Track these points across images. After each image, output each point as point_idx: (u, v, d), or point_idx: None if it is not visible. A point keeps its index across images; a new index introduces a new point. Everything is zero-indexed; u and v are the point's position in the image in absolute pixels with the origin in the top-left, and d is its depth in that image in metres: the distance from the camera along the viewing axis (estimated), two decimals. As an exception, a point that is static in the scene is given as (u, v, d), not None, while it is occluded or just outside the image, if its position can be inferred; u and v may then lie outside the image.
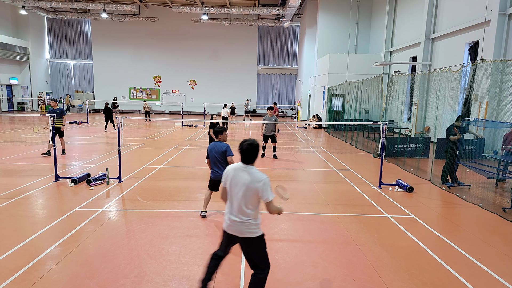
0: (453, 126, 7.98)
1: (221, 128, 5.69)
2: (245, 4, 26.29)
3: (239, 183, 3.16)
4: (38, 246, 4.57)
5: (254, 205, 3.18)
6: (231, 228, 3.22)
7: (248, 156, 3.22)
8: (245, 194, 3.14)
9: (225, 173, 3.30)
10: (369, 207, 6.51)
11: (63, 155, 10.85)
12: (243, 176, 3.17)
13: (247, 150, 3.21)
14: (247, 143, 3.25)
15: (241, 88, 32.29)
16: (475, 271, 4.19)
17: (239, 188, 3.16)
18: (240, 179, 3.17)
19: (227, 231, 3.27)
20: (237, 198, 3.17)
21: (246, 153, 3.22)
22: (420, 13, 16.67)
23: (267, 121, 10.63)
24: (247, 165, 3.23)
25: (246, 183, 3.13)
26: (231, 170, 3.27)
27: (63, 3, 24.79)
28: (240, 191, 3.15)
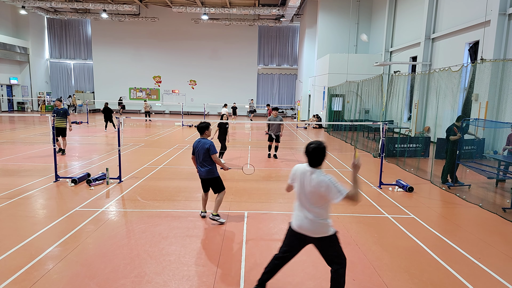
0: (453, 126, 7.98)
1: (206, 124, 5.46)
2: (245, 4, 26.28)
3: (306, 185, 3.15)
4: (38, 246, 4.57)
5: (323, 206, 3.16)
6: (303, 228, 3.20)
7: (314, 158, 3.15)
8: (312, 197, 3.14)
9: (294, 171, 3.32)
10: (369, 207, 6.51)
11: (63, 155, 10.85)
12: (308, 179, 3.14)
13: (313, 153, 3.13)
14: (313, 145, 3.14)
15: (241, 88, 32.30)
16: (475, 271, 4.19)
17: (306, 191, 3.16)
18: (306, 182, 3.16)
19: (299, 231, 3.23)
20: (306, 200, 3.17)
21: (312, 156, 3.14)
22: (420, 13, 16.67)
23: (272, 121, 10.75)
24: (314, 168, 3.17)
25: (311, 188, 3.12)
26: (299, 171, 3.26)
27: (63, 3, 24.79)
28: (308, 194, 3.15)
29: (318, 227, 3.16)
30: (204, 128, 5.42)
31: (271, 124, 10.80)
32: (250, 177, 8.64)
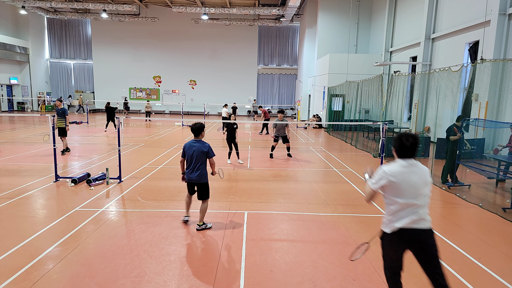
0: (453, 126, 7.97)
1: (202, 125, 5.17)
2: (245, 4, 26.28)
3: (414, 181, 2.95)
4: (38, 246, 4.57)
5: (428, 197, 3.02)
6: (417, 223, 2.96)
7: (412, 150, 2.98)
8: (427, 188, 2.99)
9: (390, 173, 2.96)
10: (369, 207, 6.51)
11: (63, 154, 10.87)
12: (416, 174, 2.97)
13: (416, 144, 2.97)
14: (412, 137, 2.97)
15: (241, 88, 32.30)
16: (475, 271, 4.19)
17: (419, 185, 2.95)
18: (414, 177, 2.95)
19: (411, 228, 2.96)
20: (420, 196, 2.94)
21: (415, 147, 2.98)
22: (420, 13, 16.67)
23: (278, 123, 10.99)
24: (413, 160, 3.01)
25: (424, 180, 2.98)
26: (397, 170, 2.96)
27: (63, 3, 24.79)
28: (422, 188, 2.96)
29: (428, 222, 2.99)
30: (200, 129, 5.13)
31: (276, 125, 11.01)
32: (250, 177, 8.64)
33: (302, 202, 6.76)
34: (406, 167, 2.98)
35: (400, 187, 2.94)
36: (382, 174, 3.00)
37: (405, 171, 2.96)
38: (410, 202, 2.93)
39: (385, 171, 2.99)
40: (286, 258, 4.41)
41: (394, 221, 2.99)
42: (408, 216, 2.94)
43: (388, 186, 2.98)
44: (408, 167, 2.98)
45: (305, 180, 8.60)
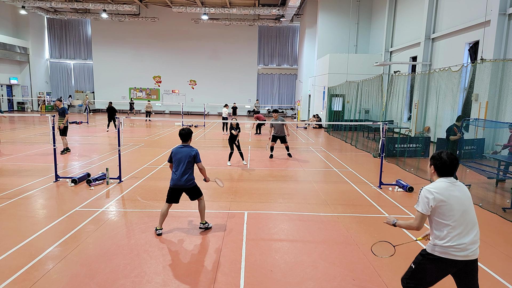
0: (453, 126, 7.97)
1: (191, 131, 5.15)
2: (245, 4, 26.28)
3: (465, 202, 2.76)
4: (38, 246, 4.57)
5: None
6: (466, 255, 2.73)
7: (454, 168, 2.80)
8: (472, 212, 2.79)
9: (438, 195, 2.73)
10: (369, 207, 6.51)
11: (63, 154, 10.87)
12: (463, 194, 2.79)
13: (452, 162, 2.78)
14: (449, 153, 2.82)
15: (241, 88, 32.30)
16: (475, 271, 4.19)
17: (468, 207, 2.77)
18: (461, 199, 2.75)
19: (465, 259, 2.75)
20: (470, 218, 2.75)
21: (452, 166, 2.79)
22: (420, 13, 16.67)
23: (274, 123, 10.90)
24: (454, 179, 2.82)
25: (469, 201, 2.81)
26: (445, 192, 2.73)
27: (63, 3, 24.79)
28: (470, 210, 2.78)
29: (478, 247, 2.78)
30: (189, 134, 5.09)
31: (274, 126, 10.95)
32: (250, 177, 8.64)
33: (302, 202, 6.76)
34: (451, 185, 2.79)
35: (450, 207, 2.72)
36: (427, 194, 2.76)
37: (452, 189, 2.76)
38: (461, 224, 2.72)
39: (430, 189, 2.76)
40: (286, 258, 4.41)
41: (445, 249, 2.74)
42: (461, 243, 2.70)
43: (437, 207, 2.74)
44: (452, 185, 2.79)
45: (305, 180, 8.60)
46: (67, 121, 11.06)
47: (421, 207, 2.79)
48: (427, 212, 2.78)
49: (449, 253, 2.73)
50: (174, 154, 5.00)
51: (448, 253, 2.73)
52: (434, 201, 2.72)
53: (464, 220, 2.72)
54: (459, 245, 2.70)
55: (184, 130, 5.07)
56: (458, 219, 2.71)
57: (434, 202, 2.73)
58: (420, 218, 2.82)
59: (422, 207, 2.78)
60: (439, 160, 2.82)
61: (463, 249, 2.70)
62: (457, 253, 2.71)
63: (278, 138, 11.11)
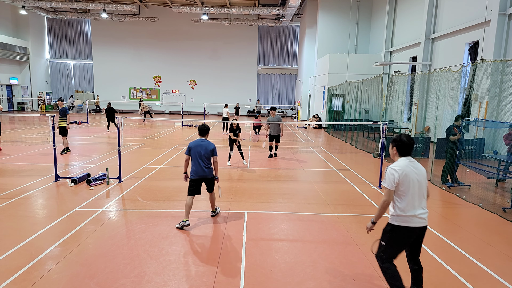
0: (453, 126, 7.97)
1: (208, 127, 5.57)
2: (245, 4, 26.28)
3: (419, 178, 3.26)
4: (38, 246, 4.57)
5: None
6: (421, 223, 3.28)
7: (412, 148, 3.35)
8: (425, 186, 3.32)
9: (401, 173, 3.21)
10: (369, 207, 6.51)
11: (63, 154, 10.87)
12: (417, 170, 3.28)
13: (410, 143, 3.33)
14: (407, 135, 3.37)
15: (241, 88, 32.30)
16: (475, 271, 4.19)
17: (422, 183, 3.28)
18: (416, 175, 3.25)
19: (418, 227, 3.28)
20: (421, 193, 3.28)
21: (411, 146, 3.34)
22: (420, 13, 16.67)
23: (270, 121, 10.78)
24: (412, 158, 3.37)
25: (423, 177, 3.30)
26: (405, 170, 3.23)
27: (63, 3, 24.79)
28: (423, 186, 3.29)
29: (426, 216, 3.32)
30: (207, 130, 5.54)
31: (270, 124, 10.84)
32: (250, 177, 8.64)
33: (302, 202, 6.76)
34: (410, 162, 3.29)
35: (409, 182, 3.21)
36: (393, 171, 3.23)
37: (410, 165, 3.27)
38: (417, 196, 3.24)
39: (394, 168, 3.25)
40: (286, 258, 4.41)
41: (404, 218, 3.25)
42: (417, 213, 3.23)
43: (400, 182, 3.22)
44: (411, 163, 3.30)
45: (305, 180, 8.60)
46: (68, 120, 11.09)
47: (387, 184, 3.24)
48: (393, 188, 3.23)
49: (410, 222, 3.24)
50: (193, 147, 5.38)
51: (410, 222, 3.24)
52: (399, 177, 3.21)
53: (420, 193, 3.27)
54: (417, 215, 3.23)
55: (203, 125, 5.55)
56: (416, 192, 3.24)
57: (398, 178, 3.21)
58: (388, 193, 3.26)
59: (389, 183, 3.23)
60: (400, 142, 3.32)
61: (420, 218, 3.24)
62: (416, 221, 3.24)
63: (274, 137, 11.00)
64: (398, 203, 3.26)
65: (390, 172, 3.24)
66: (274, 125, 10.83)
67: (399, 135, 3.38)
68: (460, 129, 7.82)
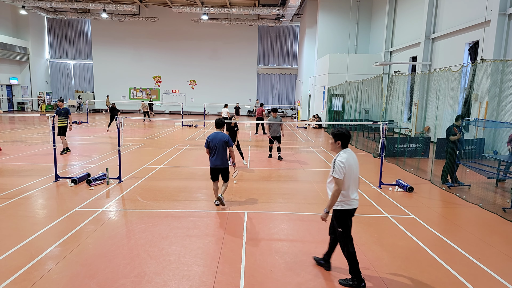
0: (453, 126, 7.97)
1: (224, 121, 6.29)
2: (245, 4, 26.28)
3: (354, 166, 3.75)
4: (38, 246, 4.57)
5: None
6: (357, 204, 3.84)
7: (349, 141, 3.83)
8: (357, 173, 3.82)
9: (347, 163, 3.65)
10: (369, 207, 6.51)
11: (63, 154, 10.88)
12: (353, 159, 3.76)
13: (350, 136, 3.78)
14: (346, 129, 3.78)
15: (241, 88, 32.30)
16: (475, 271, 4.19)
17: (355, 170, 3.77)
18: (353, 163, 3.75)
19: (355, 208, 3.85)
20: (355, 179, 3.79)
21: (350, 139, 3.81)
22: (420, 13, 16.67)
23: (271, 123, 10.68)
24: (349, 149, 3.83)
25: (357, 164, 3.81)
26: (348, 161, 3.67)
27: (63, 3, 24.79)
28: (355, 173, 3.77)
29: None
30: (223, 124, 6.27)
31: (270, 125, 10.77)
32: (250, 177, 8.64)
33: (302, 202, 6.76)
34: (350, 153, 3.77)
35: (351, 171, 3.70)
36: (341, 163, 3.64)
37: (351, 157, 3.74)
38: (354, 182, 3.77)
39: (342, 160, 3.67)
40: (286, 258, 4.42)
41: (348, 202, 3.76)
42: (355, 197, 3.80)
43: (346, 172, 3.66)
44: (351, 153, 3.78)
45: (305, 180, 8.60)
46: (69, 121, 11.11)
47: (338, 175, 3.64)
48: (342, 177, 3.63)
49: (351, 205, 3.77)
50: (211, 140, 6.08)
51: (351, 205, 3.77)
52: (345, 168, 3.64)
53: (356, 178, 3.80)
54: (355, 198, 3.80)
55: (219, 119, 6.25)
56: (354, 179, 3.76)
57: (345, 168, 3.64)
58: (340, 182, 3.65)
59: (339, 174, 3.63)
60: (343, 136, 3.74)
61: (357, 200, 3.82)
62: (355, 203, 3.80)
63: (275, 138, 10.92)
64: (343, 190, 3.71)
65: (339, 164, 3.64)
66: (274, 126, 10.77)
67: (339, 128, 3.78)
68: (460, 129, 7.83)
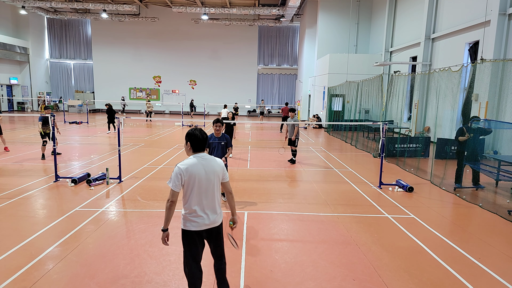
0: (463, 127, 7.75)
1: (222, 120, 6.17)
2: (245, 4, 26.28)
3: (205, 175, 3.15)
4: (38, 246, 4.57)
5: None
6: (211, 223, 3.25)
7: (204, 144, 3.18)
8: (215, 183, 3.20)
9: (184, 166, 3.03)
10: (369, 207, 6.51)
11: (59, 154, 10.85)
12: (206, 168, 3.15)
13: (204, 138, 3.14)
14: (200, 129, 3.19)
15: (241, 88, 32.30)
16: (475, 271, 4.19)
17: (208, 180, 3.15)
18: (204, 170, 3.15)
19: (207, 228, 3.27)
20: (207, 191, 3.16)
21: (204, 142, 3.16)
22: (420, 13, 16.67)
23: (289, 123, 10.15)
24: (205, 154, 3.26)
25: (213, 174, 3.16)
26: (192, 162, 3.08)
27: (63, 3, 24.79)
28: (210, 182, 3.16)
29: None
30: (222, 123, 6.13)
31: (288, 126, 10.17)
32: (250, 177, 8.64)
33: (302, 202, 6.76)
34: (199, 159, 3.03)
35: (195, 180, 2.98)
36: (177, 170, 2.97)
37: (199, 163, 3.01)
38: (204, 197, 3.03)
39: (179, 166, 2.98)
40: (286, 258, 4.41)
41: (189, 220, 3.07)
42: (202, 214, 3.06)
43: (186, 182, 2.99)
44: (200, 160, 3.04)
45: (305, 180, 8.60)
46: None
47: (171, 184, 2.96)
48: (178, 188, 2.96)
49: (193, 221, 3.04)
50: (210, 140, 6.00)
51: (192, 224, 3.04)
52: (181, 176, 2.94)
53: (204, 193, 3.03)
54: (200, 215, 3.02)
55: (217, 119, 6.12)
56: (200, 192, 3.01)
57: (181, 177, 2.94)
58: (172, 194, 2.98)
59: (172, 184, 2.96)
60: (193, 137, 3.03)
61: (204, 219, 3.04)
62: (200, 221, 3.04)
63: (291, 142, 10.26)
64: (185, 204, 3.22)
65: (174, 171, 3.10)
66: (291, 128, 10.20)
67: (193, 129, 3.17)
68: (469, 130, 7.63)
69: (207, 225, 3.09)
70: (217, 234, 3.20)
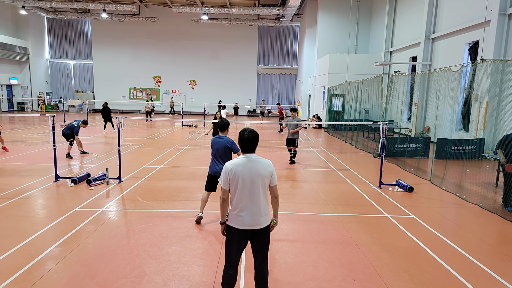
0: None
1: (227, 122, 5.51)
2: (245, 4, 26.28)
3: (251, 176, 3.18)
4: (38, 246, 4.56)
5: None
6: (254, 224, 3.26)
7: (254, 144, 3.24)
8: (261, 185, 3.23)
9: (230, 166, 3.11)
10: (369, 207, 6.51)
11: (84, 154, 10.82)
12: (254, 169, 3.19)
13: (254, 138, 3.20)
14: (251, 130, 3.22)
15: (241, 88, 32.30)
16: (475, 271, 4.19)
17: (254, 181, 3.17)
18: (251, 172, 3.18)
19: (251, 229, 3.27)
20: (252, 193, 3.18)
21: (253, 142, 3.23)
22: (420, 13, 16.67)
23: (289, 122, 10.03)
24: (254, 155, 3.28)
25: (257, 176, 3.19)
26: (238, 162, 3.14)
27: (63, 3, 24.79)
28: (255, 184, 3.19)
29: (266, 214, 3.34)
30: (226, 125, 5.49)
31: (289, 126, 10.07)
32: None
33: (302, 202, 6.76)
34: (245, 160, 3.09)
35: (239, 180, 3.03)
36: (224, 168, 3.10)
37: (245, 164, 3.06)
38: (247, 197, 3.05)
39: (226, 165, 3.10)
40: (286, 258, 4.41)
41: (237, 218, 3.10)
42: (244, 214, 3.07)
43: (230, 180, 3.07)
44: (246, 160, 3.09)
45: (305, 180, 8.60)
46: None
47: (221, 182, 3.10)
48: (226, 186, 3.08)
49: (236, 219, 3.08)
50: (212, 144, 5.41)
51: (235, 221, 3.08)
52: (227, 175, 3.05)
53: (249, 193, 3.05)
54: (243, 215, 3.05)
55: (222, 121, 5.50)
56: (245, 192, 3.04)
57: (226, 175, 3.05)
58: (223, 192, 3.11)
59: (222, 182, 3.10)
60: (241, 137, 3.13)
61: (247, 218, 3.05)
62: (242, 220, 3.06)
63: (290, 141, 10.18)
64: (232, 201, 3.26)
65: (223, 170, 3.20)
66: (290, 128, 10.01)
67: (243, 129, 3.22)
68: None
69: (249, 226, 3.09)
70: (260, 237, 3.16)
